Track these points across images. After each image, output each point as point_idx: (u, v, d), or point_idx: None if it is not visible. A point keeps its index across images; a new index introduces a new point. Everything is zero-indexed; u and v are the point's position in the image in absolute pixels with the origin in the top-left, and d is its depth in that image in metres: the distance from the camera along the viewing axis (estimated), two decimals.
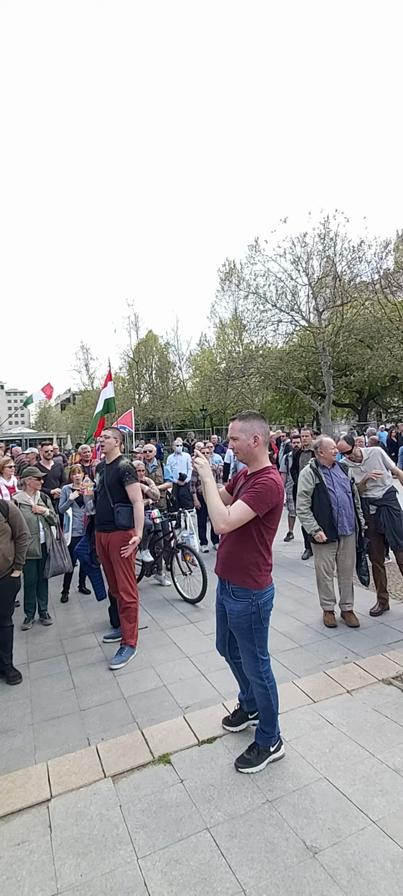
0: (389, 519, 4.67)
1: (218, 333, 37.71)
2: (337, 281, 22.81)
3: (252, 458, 2.65)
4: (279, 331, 25.88)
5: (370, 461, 4.86)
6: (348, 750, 2.77)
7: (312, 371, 27.41)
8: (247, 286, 25.11)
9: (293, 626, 4.70)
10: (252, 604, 2.59)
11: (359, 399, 32.70)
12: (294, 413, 34.89)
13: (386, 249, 22.69)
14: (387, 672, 3.59)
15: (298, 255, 23.04)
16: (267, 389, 31.15)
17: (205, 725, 3.13)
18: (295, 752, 2.80)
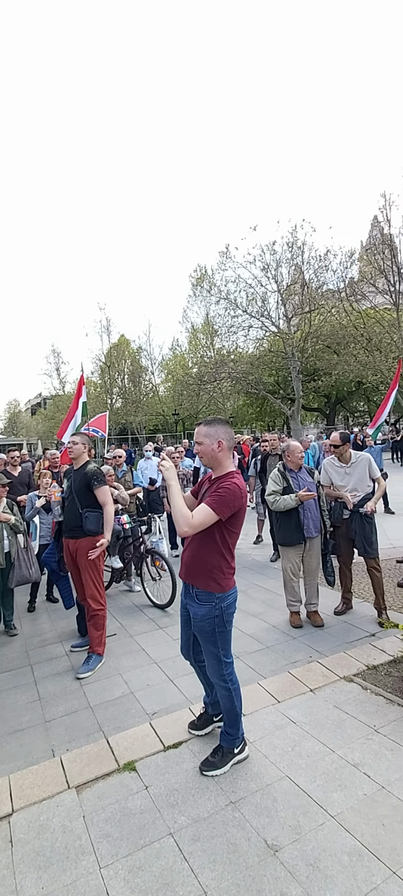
0: (360, 526, 4.74)
1: (190, 338, 37.86)
2: (305, 288, 23.45)
3: (216, 463, 2.70)
4: (249, 336, 26.33)
5: (356, 465, 4.83)
6: (310, 747, 2.84)
7: (282, 376, 27.96)
8: (219, 292, 25.42)
9: (260, 627, 4.77)
10: (215, 607, 2.63)
11: (327, 403, 33.52)
12: (265, 417, 35.40)
13: (351, 259, 23.56)
14: (349, 670, 3.70)
15: (267, 262, 23.56)
16: (238, 394, 31.54)
17: (171, 731, 3.14)
18: (259, 753, 2.85)
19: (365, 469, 4.79)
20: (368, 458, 4.85)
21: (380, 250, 21.95)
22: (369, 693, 3.37)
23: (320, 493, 4.84)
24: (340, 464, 4.91)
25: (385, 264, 21.62)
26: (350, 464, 4.84)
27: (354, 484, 4.80)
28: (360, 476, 4.79)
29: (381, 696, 3.30)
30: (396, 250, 21.25)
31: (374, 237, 25.26)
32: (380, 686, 3.43)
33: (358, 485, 4.78)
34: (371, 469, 4.80)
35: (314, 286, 24.12)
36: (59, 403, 36.98)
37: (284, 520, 4.73)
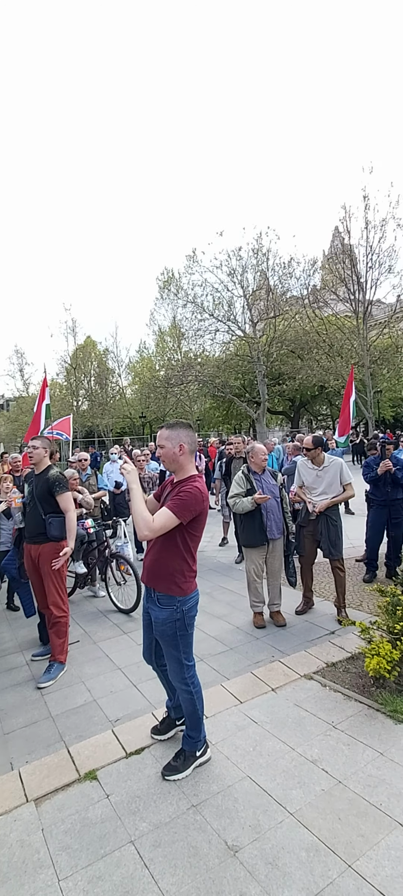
0: (326, 528, 4.85)
1: (157, 341, 37.74)
2: (270, 294, 23.94)
3: (178, 467, 2.71)
4: (216, 340, 26.58)
5: (329, 469, 4.91)
6: (270, 746, 2.89)
7: (248, 379, 28.35)
8: (185, 295, 25.53)
9: (224, 629, 4.81)
10: (176, 610, 2.64)
11: (292, 407, 34.26)
12: (231, 420, 35.73)
13: (314, 268, 24.33)
14: (309, 668, 3.79)
15: (234, 267, 23.87)
16: (205, 397, 31.72)
17: (134, 737, 3.11)
18: (221, 754, 2.87)
19: (337, 474, 4.90)
20: (340, 464, 4.94)
21: (341, 260, 22.73)
22: (328, 690, 3.46)
23: (283, 495, 4.94)
24: (313, 466, 5.01)
25: (345, 273, 22.38)
26: (323, 467, 4.95)
27: (324, 487, 4.92)
28: (331, 480, 4.90)
29: (339, 692, 3.40)
30: (355, 260, 22.02)
31: (335, 247, 26.10)
32: (339, 682, 3.53)
33: (329, 488, 4.90)
34: (342, 474, 4.90)
35: (278, 292, 24.70)
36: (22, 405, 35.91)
37: (247, 522, 4.80)
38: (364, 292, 21.72)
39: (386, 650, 3.25)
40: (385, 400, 29.25)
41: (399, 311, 22.55)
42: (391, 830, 2.21)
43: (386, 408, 30.31)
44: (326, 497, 4.86)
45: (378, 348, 22.84)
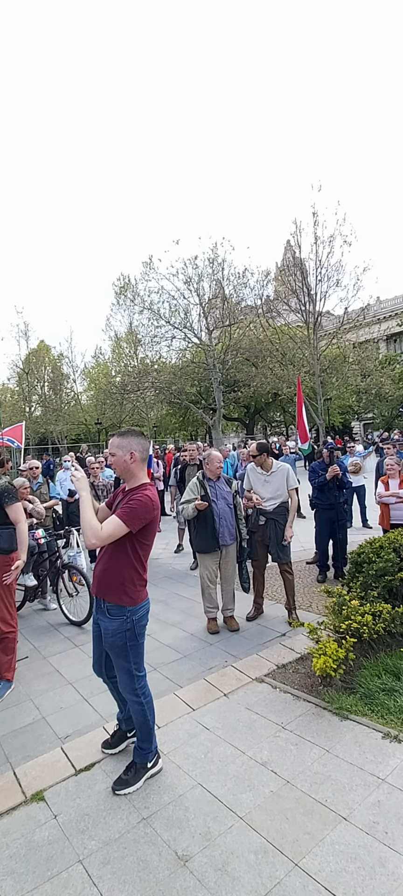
0: (275, 532, 4.96)
1: (113, 347, 37.17)
2: (225, 303, 24.32)
3: (129, 475, 2.69)
4: (173, 346, 26.66)
5: (276, 474, 5.02)
6: (222, 752, 2.91)
7: (204, 386, 28.58)
8: (142, 302, 25.38)
9: (178, 636, 4.80)
10: (127, 620, 2.61)
11: (247, 413, 34.88)
12: (187, 427, 35.84)
13: (267, 279, 25.07)
14: (260, 671, 3.86)
15: (190, 275, 24.04)
16: (161, 403, 31.63)
17: (84, 753, 3.04)
18: (173, 764, 2.86)
19: (284, 479, 5.03)
20: (287, 469, 5.08)
21: (292, 272, 23.46)
22: (278, 691, 3.54)
23: (237, 501, 5.01)
24: (261, 472, 5.11)
25: (296, 285, 23.13)
26: (271, 473, 5.06)
27: (272, 492, 5.03)
28: (278, 485, 5.03)
29: (289, 693, 3.49)
30: (306, 273, 22.83)
31: (287, 260, 26.94)
32: (288, 683, 3.62)
33: (276, 493, 5.02)
34: (288, 479, 5.04)
35: (234, 301, 25.16)
36: None
37: (200, 528, 4.83)
38: (314, 304, 22.54)
39: (333, 649, 3.37)
40: (335, 407, 30.47)
41: (346, 323, 23.62)
42: (335, 825, 2.29)
43: (336, 414, 31.56)
44: (275, 502, 4.98)
45: (327, 358, 23.79)
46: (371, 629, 3.70)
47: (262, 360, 24.32)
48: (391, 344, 44.05)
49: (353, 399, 30.93)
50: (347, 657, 3.45)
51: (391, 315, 42.70)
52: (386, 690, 3.31)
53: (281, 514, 5.01)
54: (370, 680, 3.44)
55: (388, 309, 44.28)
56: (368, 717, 3.09)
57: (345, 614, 3.84)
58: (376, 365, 27.98)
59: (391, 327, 40.10)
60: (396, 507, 5.95)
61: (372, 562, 4.44)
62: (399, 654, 3.77)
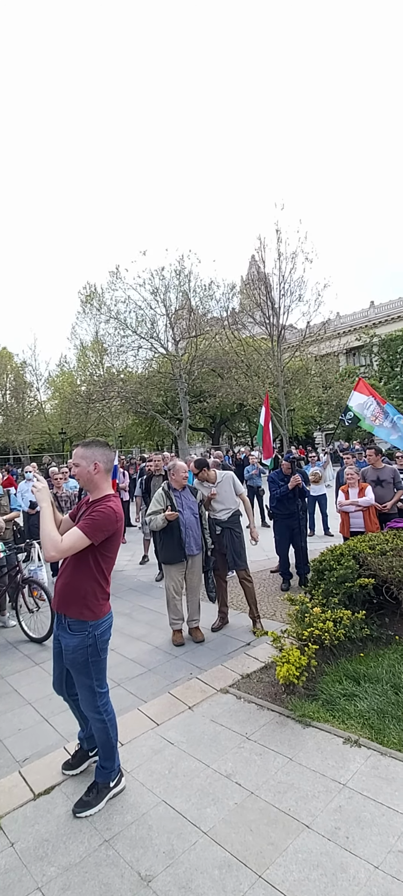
0: (231, 540, 5.03)
1: (78, 355, 36.54)
2: (192, 314, 24.52)
3: (92, 486, 2.65)
4: (139, 356, 26.57)
5: (222, 484, 5.12)
6: (186, 767, 2.88)
7: (170, 396, 28.57)
8: (108, 311, 25.14)
9: (143, 650, 4.73)
10: (88, 636, 2.54)
11: (212, 424, 35.12)
12: (153, 436, 35.69)
13: (232, 292, 25.54)
14: (225, 681, 3.85)
15: (157, 286, 24.09)
16: (127, 413, 31.35)
17: (43, 775, 2.92)
18: (136, 782, 2.80)
19: (230, 486, 5.15)
20: (231, 476, 5.24)
21: (257, 286, 24.00)
22: (242, 702, 3.55)
23: (202, 511, 5.02)
24: (208, 486, 5.19)
25: (261, 299, 23.66)
26: (217, 484, 5.16)
27: (222, 502, 5.12)
28: (226, 493, 5.12)
29: (253, 702, 3.50)
30: (270, 287, 23.40)
31: (252, 274, 27.51)
32: (253, 693, 3.63)
33: (225, 502, 5.11)
34: (235, 486, 5.17)
35: (200, 313, 25.41)
36: None
37: (166, 538, 4.81)
38: (278, 317, 23.08)
39: (296, 657, 3.42)
40: (298, 418, 31.17)
41: (308, 337, 24.38)
42: (298, 834, 2.31)
43: (299, 425, 32.28)
44: (228, 511, 5.07)
45: (290, 370, 24.42)
46: (333, 636, 3.79)
47: (228, 371, 24.63)
48: (350, 357, 45.69)
49: (315, 410, 31.77)
50: (310, 664, 3.51)
51: (350, 330, 44.32)
52: (347, 696, 3.39)
53: (236, 521, 5.11)
54: (331, 686, 3.51)
55: (347, 324, 46.00)
56: (330, 723, 3.14)
57: (308, 622, 3.91)
58: (336, 377, 28.99)
59: (350, 342, 41.64)
60: (355, 515, 6.14)
61: (333, 569, 4.55)
62: (358, 660, 3.87)
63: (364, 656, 3.93)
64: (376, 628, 4.35)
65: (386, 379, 38.00)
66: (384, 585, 4.46)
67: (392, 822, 2.30)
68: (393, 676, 3.56)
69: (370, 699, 3.31)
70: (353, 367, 42.08)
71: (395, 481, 6.48)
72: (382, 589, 4.51)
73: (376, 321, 44.78)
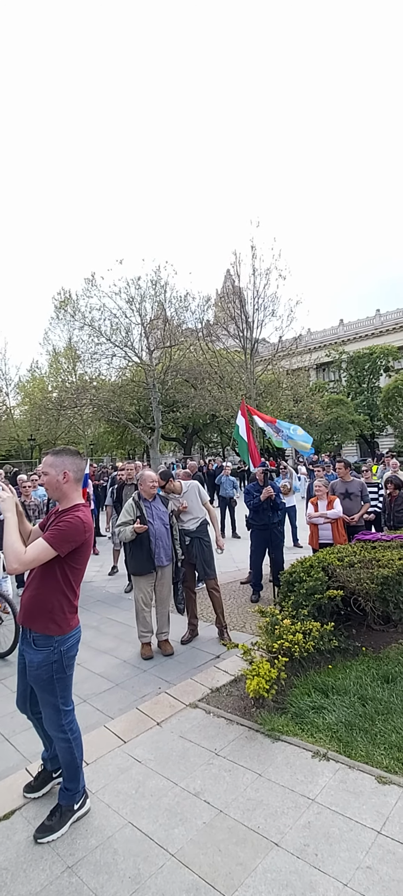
0: (200, 550, 5.01)
1: (51, 361, 35.83)
2: (167, 324, 24.53)
3: (61, 495, 2.57)
4: (113, 364, 26.30)
5: (188, 494, 5.12)
6: (154, 786, 2.80)
7: (143, 405, 28.39)
8: (83, 318, 24.78)
9: (111, 664, 4.61)
10: (54, 651, 2.44)
11: (185, 434, 35.11)
12: (125, 445, 35.34)
13: (207, 304, 25.76)
14: (195, 696, 3.79)
15: (132, 295, 23.98)
16: (99, 421, 30.92)
17: (3, 799, 2.78)
18: (102, 803, 2.70)
19: (196, 495, 5.15)
20: (196, 485, 5.24)
21: (232, 300, 24.30)
22: (212, 716, 3.49)
23: (173, 522, 4.96)
24: (173, 495, 5.16)
25: (235, 312, 23.98)
26: (183, 494, 5.14)
27: (189, 512, 5.09)
28: (193, 504, 5.11)
29: (222, 717, 3.45)
30: (244, 301, 23.75)
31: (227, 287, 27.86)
32: (222, 707, 3.59)
33: (193, 512, 5.09)
34: (200, 495, 5.18)
35: (175, 323, 25.44)
36: None
37: (136, 549, 4.73)
38: (252, 331, 23.41)
39: (265, 670, 3.40)
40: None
41: (280, 351, 24.90)
42: (267, 852, 2.27)
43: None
44: (196, 521, 5.05)
45: (263, 382, 24.77)
46: (302, 648, 3.80)
47: (201, 381, 24.73)
48: (320, 373, 46.86)
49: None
50: (279, 677, 3.49)
51: (320, 346, 45.50)
52: (316, 708, 3.39)
53: (204, 531, 5.11)
54: (300, 698, 3.51)
55: (318, 340, 47.26)
56: (299, 736, 3.13)
57: (278, 634, 3.91)
58: (307, 391, 29.61)
59: (320, 357, 42.76)
60: (324, 527, 6.23)
61: (303, 581, 4.58)
62: (327, 672, 3.90)
63: (333, 668, 3.96)
64: (344, 640, 4.40)
65: (354, 395, 39.16)
66: (352, 597, 4.53)
67: (360, 837, 2.30)
68: (360, 688, 3.59)
69: (338, 711, 3.32)
70: (323, 382, 43.16)
71: (362, 494, 6.63)
72: (350, 600, 4.58)
73: (345, 339, 46.17)
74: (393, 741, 2.97)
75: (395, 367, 39.74)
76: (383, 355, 39.47)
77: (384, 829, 2.34)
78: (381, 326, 45.66)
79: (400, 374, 34.45)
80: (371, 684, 3.65)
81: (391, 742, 2.97)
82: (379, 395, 36.10)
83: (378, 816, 2.41)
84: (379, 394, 36.43)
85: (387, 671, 3.83)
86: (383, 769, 2.75)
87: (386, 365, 39.60)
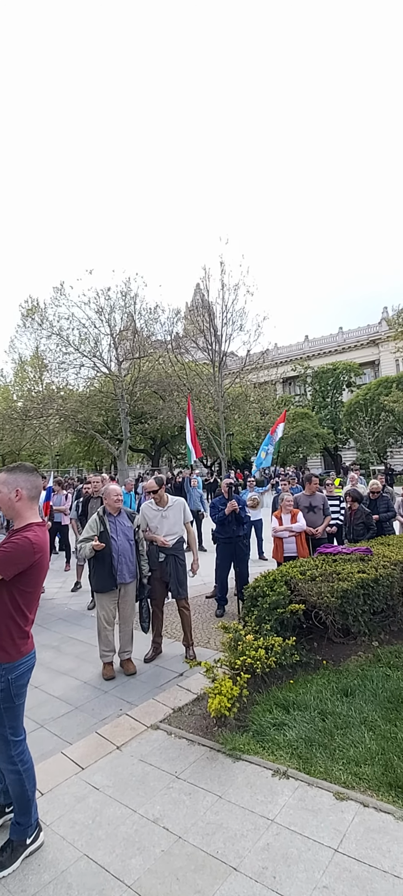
0: (175, 568, 4.91)
1: (16, 370, 34.84)
2: (136, 336, 24.47)
3: (14, 514, 2.48)
4: (81, 374, 25.96)
5: (172, 509, 4.98)
6: (111, 814, 2.71)
7: (111, 416, 28.08)
8: (51, 327, 24.33)
9: (70, 686, 4.46)
10: (1, 679, 2.33)
11: (153, 445, 34.92)
12: (92, 456, 34.76)
13: (177, 317, 25.93)
14: (156, 717, 3.72)
15: (102, 305, 23.79)
16: (66, 432, 30.32)
17: None
18: (56, 835, 2.59)
19: (180, 512, 5.04)
20: (183, 503, 5.12)
21: (201, 313, 24.56)
22: (173, 738, 3.43)
23: (139, 537, 4.87)
24: (157, 508, 5.03)
25: (204, 325, 24.23)
26: (167, 507, 5.01)
27: (169, 527, 4.98)
28: (175, 519, 5.01)
29: (184, 738, 3.40)
30: (213, 315, 24.07)
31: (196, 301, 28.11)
32: (184, 728, 3.53)
33: (173, 528, 4.99)
34: (185, 513, 5.07)
35: (144, 335, 25.41)
36: None
37: (98, 565, 4.62)
38: (220, 344, 23.68)
39: (228, 687, 3.38)
40: (237, 442, 31.87)
41: (248, 365, 25.30)
42: (226, 878, 2.24)
43: (237, 449, 32.99)
44: (174, 537, 4.96)
45: (230, 395, 25.06)
46: (264, 663, 3.80)
47: (170, 393, 24.75)
48: (286, 386, 47.94)
49: (253, 435, 32.67)
50: (241, 694, 3.48)
51: (286, 360, 46.62)
52: (277, 725, 3.40)
53: (180, 549, 5.01)
54: (262, 716, 3.51)
55: (284, 355, 48.46)
56: (259, 754, 3.12)
57: (240, 650, 3.91)
58: (273, 405, 30.17)
59: (286, 371, 43.74)
60: (288, 540, 6.32)
61: (266, 595, 4.61)
62: (288, 687, 3.92)
63: (294, 683, 3.99)
64: (305, 654, 4.45)
65: (318, 408, 40.20)
66: (313, 610, 4.60)
67: (318, 857, 2.30)
68: (321, 703, 3.63)
69: (298, 727, 3.34)
70: (289, 395, 44.13)
71: (324, 508, 6.78)
72: (311, 614, 4.64)
73: (310, 354, 47.50)
74: (351, 755, 3.02)
75: (357, 383, 41.17)
76: (345, 371, 40.83)
77: (341, 846, 2.36)
78: (344, 343, 47.32)
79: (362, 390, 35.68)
80: (331, 698, 3.70)
81: (349, 756, 3.01)
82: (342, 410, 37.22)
83: (336, 834, 2.43)
84: (342, 408, 37.57)
85: (346, 684, 3.90)
86: (341, 785, 2.78)
87: (349, 380, 40.96)
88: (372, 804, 2.60)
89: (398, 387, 31.36)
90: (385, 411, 30.71)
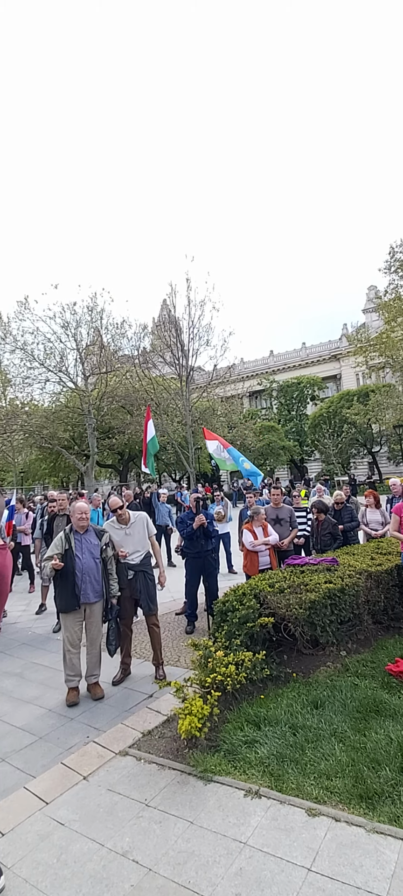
0: (145, 585, 4.82)
1: None
2: (103, 350, 24.25)
3: None
4: (46, 389, 25.46)
5: (135, 525, 4.91)
6: (77, 850, 2.58)
7: (78, 432, 27.61)
8: (14, 341, 23.69)
9: (34, 715, 4.26)
10: None
11: (121, 460, 34.51)
12: (59, 473, 33.97)
13: (144, 332, 25.98)
14: (125, 742, 3.60)
15: (67, 320, 23.46)
16: (31, 448, 29.53)
17: None
18: (19, 878, 2.43)
19: (144, 527, 4.97)
20: (145, 517, 5.05)
21: (168, 328, 24.68)
22: (143, 763, 3.32)
23: (106, 555, 4.74)
24: (120, 526, 4.94)
25: (171, 340, 24.36)
26: (131, 524, 4.93)
27: (135, 544, 4.89)
28: (140, 536, 4.93)
29: (154, 762, 3.30)
30: (180, 330, 24.20)
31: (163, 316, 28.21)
32: (154, 752, 3.43)
33: (139, 545, 4.90)
34: (148, 527, 5.01)
35: (111, 350, 25.22)
36: None
37: (61, 584, 4.48)
38: (187, 359, 23.84)
39: (198, 707, 3.31)
40: (205, 456, 31.97)
41: (215, 379, 25.57)
42: None
43: (206, 463, 33.09)
44: (140, 553, 4.88)
45: (198, 409, 25.17)
46: (235, 680, 3.76)
47: (137, 408, 24.62)
48: (253, 400, 48.70)
49: None
50: (212, 713, 3.42)
51: (252, 375, 47.41)
52: (248, 742, 3.35)
53: (148, 564, 4.94)
54: (233, 734, 3.45)
55: (250, 369, 49.29)
56: (231, 775, 3.06)
57: (211, 667, 3.85)
58: (240, 418, 30.54)
59: (252, 385, 44.49)
60: (263, 553, 6.32)
61: (236, 609, 4.58)
62: (259, 702, 3.89)
63: (265, 698, 3.97)
64: (275, 667, 4.44)
65: (284, 421, 41.02)
66: (282, 623, 4.61)
67: (291, 878, 2.26)
68: (291, 716, 3.62)
69: (270, 743, 3.31)
70: (255, 409, 44.83)
71: (291, 520, 6.84)
72: (281, 626, 4.65)
73: (275, 368, 48.55)
74: (322, 769, 3.01)
75: (320, 396, 42.36)
76: (309, 385, 41.95)
77: (314, 864, 2.33)
78: (307, 358, 48.66)
79: (325, 403, 36.74)
80: (302, 711, 3.69)
81: (320, 770, 3.00)
82: (307, 422, 38.14)
83: (309, 852, 2.40)
84: (307, 420, 38.50)
85: (316, 696, 3.91)
86: (312, 800, 2.76)
87: (313, 394, 42.09)
88: (344, 818, 2.59)
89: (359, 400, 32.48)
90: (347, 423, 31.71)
